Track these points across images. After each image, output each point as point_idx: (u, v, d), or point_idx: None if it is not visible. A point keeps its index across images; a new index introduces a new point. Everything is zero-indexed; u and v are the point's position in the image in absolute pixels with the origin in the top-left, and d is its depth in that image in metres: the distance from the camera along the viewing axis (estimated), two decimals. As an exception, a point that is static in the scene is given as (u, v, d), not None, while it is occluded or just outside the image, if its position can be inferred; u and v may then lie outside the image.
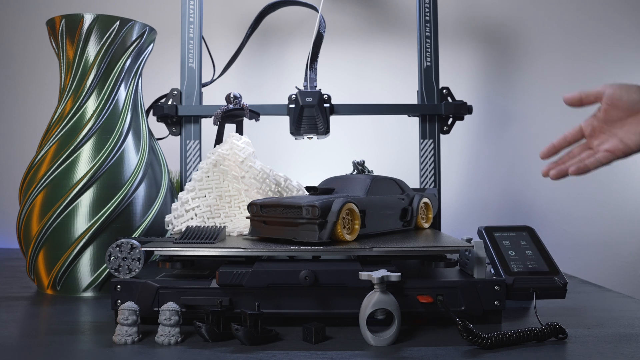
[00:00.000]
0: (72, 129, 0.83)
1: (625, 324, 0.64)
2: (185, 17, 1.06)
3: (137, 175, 0.84)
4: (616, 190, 1.38)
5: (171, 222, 0.82)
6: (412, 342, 0.57)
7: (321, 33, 1.04)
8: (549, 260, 0.67)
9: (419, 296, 0.60)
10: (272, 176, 0.83)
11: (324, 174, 0.85)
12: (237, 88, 1.06)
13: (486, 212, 1.38)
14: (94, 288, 0.81)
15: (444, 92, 1.06)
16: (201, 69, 1.07)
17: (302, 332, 0.57)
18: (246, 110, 0.99)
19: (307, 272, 0.59)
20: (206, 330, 0.56)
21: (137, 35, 0.88)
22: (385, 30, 1.40)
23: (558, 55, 1.38)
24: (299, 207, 0.63)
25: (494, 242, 0.70)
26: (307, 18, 1.35)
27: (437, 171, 1.05)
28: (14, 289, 0.85)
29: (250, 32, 1.12)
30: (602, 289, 0.85)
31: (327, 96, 1.03)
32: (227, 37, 1.33)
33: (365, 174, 0.90)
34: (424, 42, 1.07)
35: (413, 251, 0.64)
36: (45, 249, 0.80)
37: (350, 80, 1.38)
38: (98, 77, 0.85)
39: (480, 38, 1.41)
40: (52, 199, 0.80)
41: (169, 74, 1.14)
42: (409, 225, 0.78)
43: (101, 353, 0.53)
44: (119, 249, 0.63)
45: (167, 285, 0.62)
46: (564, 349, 0.55)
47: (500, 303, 0.61)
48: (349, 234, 0.65)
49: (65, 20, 0.84)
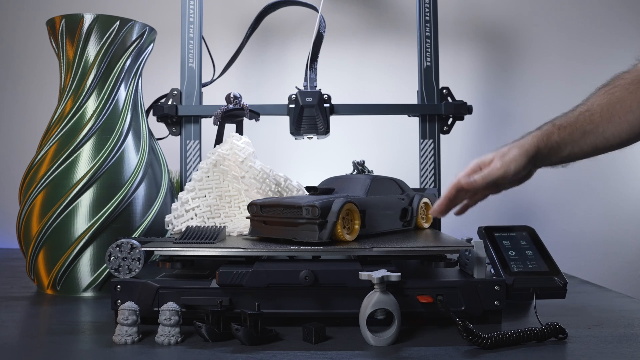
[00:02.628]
0: (72, 129, 0.83)
1: (625, 324, 0.64)
2: (185, 17, 1.06)
3: (137, 175, 0.84)
4: (616, 190, 1.38)
5: (171, 222, 0.82)
6: (412, 342, 0.57)
7: (321, 33, 1.04)
8: (549, 260, 0.67)
9: (419, 296, 0.60)
10: (272, 176, 0.83)
11: (324, 174, 0.85)
12: (237, 88, 1.06)
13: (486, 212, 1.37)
14: (94, 288, 0.81)
15: (444, 92, 1.06)
16: (201, 69, 1.07)
17: (302, 332, 0.57)
18: (246, 110, 0.99)
19: (307, 272, 0.59)
20: (206, 330, 0.56)
21: (137, 35, 0.88)
22: (385, 30, 1.40)
23: (558, 56, 1.38)
24: (299, 207, 0.63)
25: (494, 242, 0.70)
26: (307, 18, 1.35)
27: (437, 171, 1.05)
28: (14, 289, 0.85)
29: (250, 32, 1.12)
30: (602, 289, 0.85)
31: (327, 96, 1.03)
32: (227, 37, 1.32)
33: (365, 174, 0.90)
34: (424, 42, 1.07)
35: (413, 251, 0.64)
36: (45, 249, 0.80)
37: (350, 80, 1.38)
38: (98, 77, 0.85)
39: (480, 38, 1.41)
40: (52, 199, 0.80)
41: (169, 74, 1.14)
42: (409, 225, 0.78)
43: (101, 353, 0.53)
44: (119, 249, 0.63)
45: (167, 285, 0.62)
46: (564, 349, 0.55)
47: (500, 303, 0.61)
48: (349, 234, 0.65)
49: (65, 20, 0.84)
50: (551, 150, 0.73)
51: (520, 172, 0.72)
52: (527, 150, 0.72)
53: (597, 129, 0.71)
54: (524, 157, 0.72)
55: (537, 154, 0.72)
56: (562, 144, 0.72)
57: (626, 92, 0.70)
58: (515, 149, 0.72)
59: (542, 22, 1.40)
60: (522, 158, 0.72)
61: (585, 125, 0.72)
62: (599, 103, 0.72)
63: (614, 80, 0.72)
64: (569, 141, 0.72)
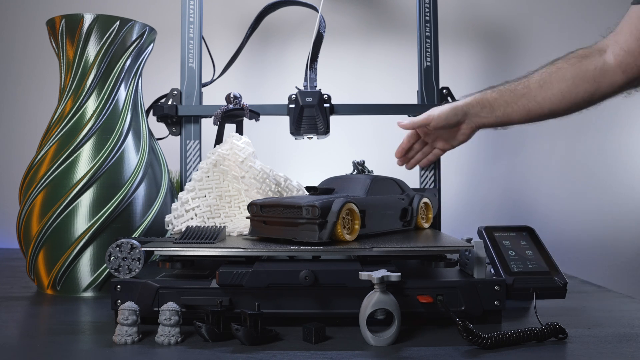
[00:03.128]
0: (72, 129, 0.83)
1: (625, 324, 0.64)
2: (185, 17, 1.06)
3: (137, 175, 0.84)
4: (616, 190, 1.38)
5: (171, 222, 0.82)
6: (412, 342, 0.57)
7: (321, 33, 1.04)
8: (549, 260, 0.67)
9: (419, 296, 0.60)
10: (272, 176, 0.83)
11: (324, 174, 0.85)
12: (237, 88, 1.06)
13: (486, 212, 1.38)
14: (94, 288, 0.81)
15: (444, 92, 1.06)
16: (201, 69, 1.07)
17: (302, 332, 0.57)
18: (246, 110, 0.99)
19: (307, 272, 0.59)
20: (206, 330, 0.56)
21: (137, 35, 0.88)
22: (385, 30, 1.40)
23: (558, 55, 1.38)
24: (299, 207, 0.63)
25: (494, 242, 0.70)
26: (307, 18, 1.35)
27: (437, 171, 1.05)
28: (14, 289, 0.85)
29: (250, 32, 1.12)
30: (602, 289, 0.85)
31: (327, 96, 1.03)
32: (227, 37, 1.32)
33: (365, 174, 0.90)
34: (424, 42, 1.07)
35: (413, 251, 0.64)
36: (45, 249, 0.80)
37: (350, 80, 1.38)
38: (98, 77, 0.85)
39: (480, 38, 1.41)
40: (52, 199, 0.80)
41: (169, 74, 1.14)
42: (409, 225, 0.78)
43: (101, 353, 0.53)
44: (119, 249, 0.63)
45: (167, 285, 0.62)
46: (564, 349, 0.55)
47: (500, 303, 0.61)
48: (349, 234, 0.65)
49: (65, 20, 0.84)
50: (484, 108, 0.84)
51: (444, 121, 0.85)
52: (456, 106, 0.86)
53: (530, 93, 0.79)
54: (449, 109, 0.85)
55: (468, 109, 0.85)
56: (494, 103, 0.83)
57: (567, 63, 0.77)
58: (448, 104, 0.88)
59: (542, 22, 1.40)
60: (446, 109, 0.86)
61: (520, 89, 0.81)
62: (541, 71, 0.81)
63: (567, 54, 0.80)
64: (501, 102, 0.83)
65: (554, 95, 0.76)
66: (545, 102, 0.77)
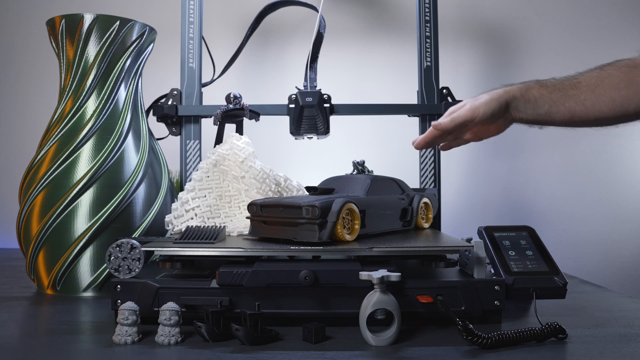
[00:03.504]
0: (72, 129, 0.83)
1: (625, 324, 0.64)
2: (185, 17, 1.06)
3: (137, 175, 0.84)
4: (616, 190, 1.38)
5: (171, 222, 0.82)
6: (412, 342, 0.57)
7: (321, 33, 1.04)
8: (549, 260, 0.67)
9: (419, 296, 0.60)
10: (272, 176, 0.83)
11: (324, 174, 0.85)
12: (237, 88, 1.06)
13: (486, 212, 1.38)
14: (94, 288, 0.81)
15: (444, 92, 1.06)
16: (201, 69, 1.07)
17: (302, 332, 0.57)
18: (246, 110, 0.99)
19: (307, 272, 0.59)
20: (206, 330, 0.56)
21: (137, 35, 0.88)
22: (385, 30, 1.40)
23: (558, 56, 1.38)
24: (299, 207, 0.63)
25: (494, 242, 0.70)
26: (307, 18, 1.35)
27: (437, 171, 1.05)
28: (14, 289, 0.85)
29: (250, 32, 1.12)
30: (602, 289, 0.85)
31: (327, 96, 1.03)
32: (227, 37, 1.32)
33: (365, 174, 0.90)
34: (424, 42, 1.07)
35: (413, 251, 0.64)
36: (45, 249, 0.80)
37: (350, 80, 1.38)
38: (98, 77, 0.85)
39: (480, 38, 1.41)
40: (52, 199, 0.80)
41: (169, 74, 1.14)
42: (409, 225, 0.78)
43: (101, 353, 0.53)
44: (119, 249, 0.63)
45: (167, 285, 0.62)
46: (564, 349, 0.55)
47: (500, 303, 0.61)
48: (349, 234, 0.65)
49: (65, 20, 0.84)
50: (527, 103, 0.75)
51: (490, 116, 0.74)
52: (500, 96, 0.75)
53: (579, 95, 0.73)
54: (495, 102, 0.75)
55: (511, 102, 0.75)
56: (540, 99, 0.75)
57: (618, 71, 0.72)
58: (488, 94, 0.76)
59: (542, 22, 1.40)
60: (492, 102, 0.75)
61: (568, 89, 0.74)
62: (589, 74, 0.74)
63: (613, 62, 0.74)
64: (547, 99, 0.75)
65: (604, 102, 0.70)
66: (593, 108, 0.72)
